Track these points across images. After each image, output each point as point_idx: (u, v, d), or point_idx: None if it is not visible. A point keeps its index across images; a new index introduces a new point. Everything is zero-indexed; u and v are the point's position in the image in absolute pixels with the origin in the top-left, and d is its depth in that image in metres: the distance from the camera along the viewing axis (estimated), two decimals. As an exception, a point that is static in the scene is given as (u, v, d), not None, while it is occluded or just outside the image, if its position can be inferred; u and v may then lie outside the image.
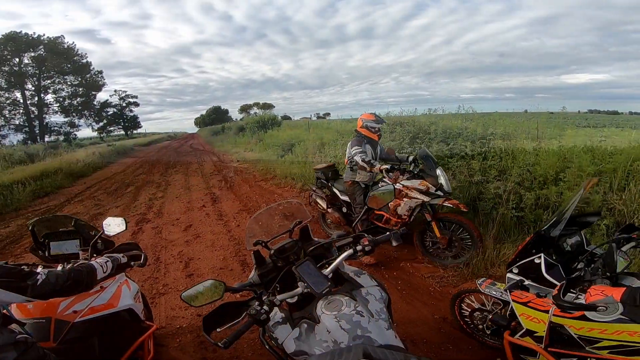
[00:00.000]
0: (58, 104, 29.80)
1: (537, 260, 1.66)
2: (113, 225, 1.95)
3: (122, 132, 51.80)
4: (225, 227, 4.98)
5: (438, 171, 3.21)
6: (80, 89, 30.87)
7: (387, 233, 1.49)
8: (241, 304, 1.13)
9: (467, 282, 3.02)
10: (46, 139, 27.85)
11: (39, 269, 1.26)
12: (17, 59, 26.83)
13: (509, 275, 1.78)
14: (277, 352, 1.20)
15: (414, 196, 3.22)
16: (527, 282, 1.68)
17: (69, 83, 29.98)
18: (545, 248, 1.67)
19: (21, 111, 27.79)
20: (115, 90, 49.94)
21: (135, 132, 55.06)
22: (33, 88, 28.20)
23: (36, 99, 28.44)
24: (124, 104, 51.30)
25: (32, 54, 27.41)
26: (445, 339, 2.37)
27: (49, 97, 29.42)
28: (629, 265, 1.51)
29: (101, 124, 39.58)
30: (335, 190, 3.98)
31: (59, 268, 1.66)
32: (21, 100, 27.66)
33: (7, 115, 27.11)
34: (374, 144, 3.64)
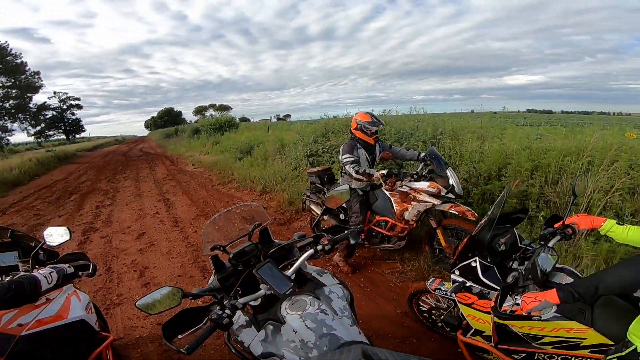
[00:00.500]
0: (-14, 107, 26.76)
1: (473, 264, 1.68)
2: (55, 235, 1.86)
3: (63, 136, 47.67)
4: (182, 234, 4.80)
5: (448, 172, 2.95)
6: (14, 91, 27.87)
7: (346, 232, 1.51)
8: (202, 309, 1.11)
9: (423, 278, 3.12)
10: (-29, 146, 24.87)
11: None
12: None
13: (452, 276, 1.80)
14: (244, 356, 1.20)
15: (423, 199, 2.97)
16: (469, 284, 1.70)
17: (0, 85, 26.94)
18: (479, 252, 1.68)
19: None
20: (54, 92, 45.94)
21: (78, 136, 50.96)
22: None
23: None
24: (65, 107, 47.31)
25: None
26: (408, 333, 2.48)
27: (-25, 100, 26.34)
28: (558, 260, 1.52)
29: (38, 128, 36.11)
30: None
31: None
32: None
33: None
34: (369, 147, 3.28)
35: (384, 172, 3.04)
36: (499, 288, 1.56)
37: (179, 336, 1.03)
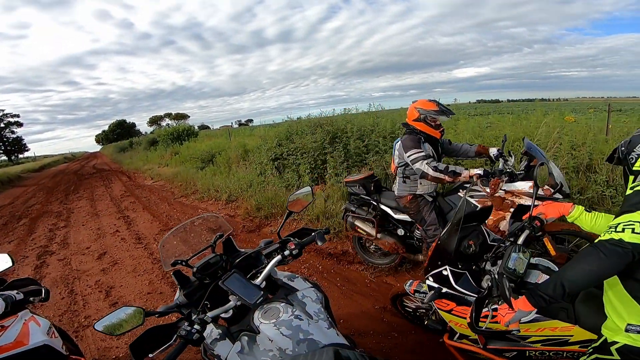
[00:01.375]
0: None
1: (444, 273, 1.62)
2: None
3: (4, 157, 43.65)
4: (147, 250, 4.61)
5: (551, 165, 2.32)
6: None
7: (312, 234, 1.49)
8: (170, 326, 1.08)
9: (396, 271, 3.21)
10: None
11: None
12: None
13: (427, 282, 1.72)
14: None
15: (522, 203, 2.34)
16: (445, 290, 1.62)
17: None
18: (448, 260, 1.63)
19: None
20: (-13, 110, 41.91)
21: (21, 156, 46.79)
22: None
23: None
24: (3, 125, 43.24)
25: None
26: (389, 328, 2.49)
27: None
28: (530, 258, 1.40)
29: (-29, 150, 32.76)
30: (384, 208, 3.02)
31: None
32: None
33: None
34: (434, 143, 2.70)
35: (479, 171, 2.35)
36: (472, 295, 1.52)
37: (150, 355, 1.02)
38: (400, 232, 2.99)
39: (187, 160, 11.57)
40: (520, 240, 1.47)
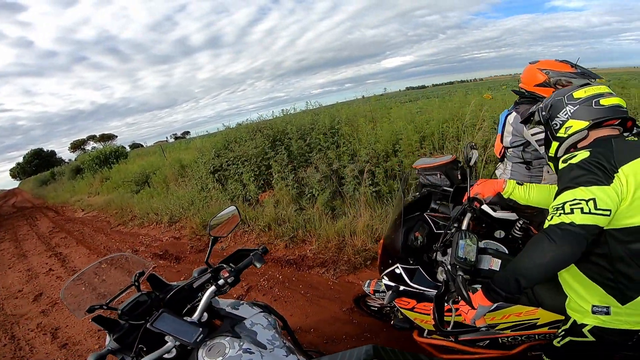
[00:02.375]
0: None
1: (397, 271, 1.56)
2: None
3: None
4: (89, 286, 4.13)
5: None
6: None
7: (249, 256, 1.37)
8: None
9: (355, 267, 3.20)
10: None
11: None
12: None
13: (384, 282, 1.65)
14: None
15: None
16: (402, 288, 1.56)
17: None
18: (398, 257, 1.58)
19: None
20: None
21: None
22: None
23: None
24: None
25: None
26: (360, 329, 2.46)
27: None
28: (478, 242, 1.34)
29: None
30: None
31: None
32: None
33: None
34: None
35: None
36: (430, 290, 1.48)
37: None
38: (500, 234, 2.21)
39: (119, 185, 10.60)
40: (464, 225, 1.43)
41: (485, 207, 2.05)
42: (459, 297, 1.18)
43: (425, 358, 0.85)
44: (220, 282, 1.25)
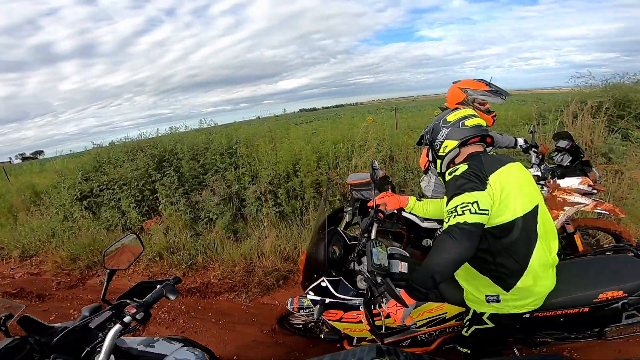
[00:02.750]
0: None
1: (323, 284, 1.62)
2: None
3: None
4: None
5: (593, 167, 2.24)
6: None
7: (157, 287, 1.21)
8: None
9: (268, 288, 3.09)
10: None
11: None
12: None
13: (309, 297, 1.69)
14: None
15: (575, 201, 2.15)
16: (328, 301, 1.61)
17: None
18: (322, 271, 1.64)
19: None
20: None
21: None
22: None
23: None
24: None
25: None
26: (287, 348, 2.37)
27: None
28: (387, 249, 1.48)
29: None
30: (409, 215, 2.31)
31: None
32: None
33: None
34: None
35: (537, 172, 2.22)
36: (356, 299, 1.57)
37: None
38: (427, 242, 2.42)
39: None
40: (373, 235, 1.55)
41: (414, 218, 2.35)
42: (385, 301, 1.27)
43: (426, 357, 0.86)
44: (127, 319, 1.07)
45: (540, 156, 2.36)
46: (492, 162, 1.32)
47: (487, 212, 1.20)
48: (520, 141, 2.45)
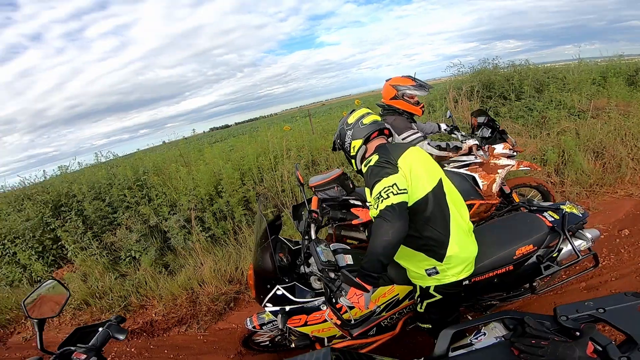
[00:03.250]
0: None
1: (279, 293, 1.63)
2: None
3: None
4: None
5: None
6: None
7: (100, 330, 1.13)
8: None
9: (227, 305, 2.99)
10: None
11: None
12: None
13: (267, 310, 1.70)
14: None
15: (504, 164, 2.50)
16: (289, 308, 1.63)
17: None
18: (275, 280, 1.64)
19: None
20: None
21: None
22: None
23: None
24: None
25: None
26: None
27: None
28: (329, 245, 1.56)
29: None
30: (355, 202, 2.35)
31: None
32: None
33: None
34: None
35: (475, 141, 2.46)
36: (315, 299, 1.59)
37: None
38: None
39: None
40: (313, 235, 1.62)
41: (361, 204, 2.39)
42: (344, 293, 1.31)
43: (379, 358, 0.88)
44: None
45: (471, 130, 2.78)
46: (396, 149, 1.50)
47: (406, 191, 1.33)
48: (443, 126, 2.82)
